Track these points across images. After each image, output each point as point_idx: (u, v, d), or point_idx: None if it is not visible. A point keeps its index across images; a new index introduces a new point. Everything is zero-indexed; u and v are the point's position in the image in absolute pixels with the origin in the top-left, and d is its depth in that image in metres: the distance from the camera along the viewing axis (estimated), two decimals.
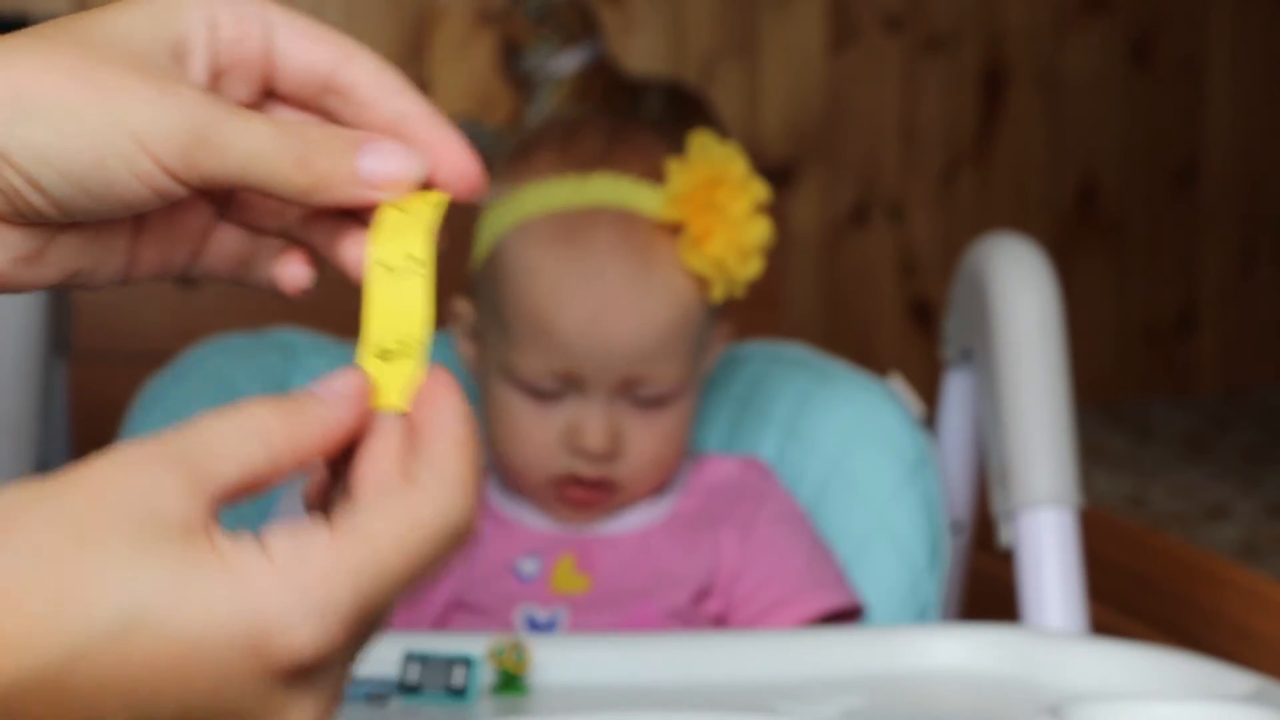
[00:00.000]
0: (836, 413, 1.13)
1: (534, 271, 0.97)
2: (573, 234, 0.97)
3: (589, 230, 0.97)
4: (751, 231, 0.96)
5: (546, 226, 0.97)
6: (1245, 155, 2.84)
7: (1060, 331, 1.05)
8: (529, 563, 1.00)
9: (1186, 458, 2.13)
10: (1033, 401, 1.02)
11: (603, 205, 0.97)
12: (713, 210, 0.95)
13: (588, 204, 0.97)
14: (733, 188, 0.95)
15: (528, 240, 0.98)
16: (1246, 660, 1.44)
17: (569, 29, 2.23)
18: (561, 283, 0.96)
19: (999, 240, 1.10)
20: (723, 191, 0.95)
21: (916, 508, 1.10)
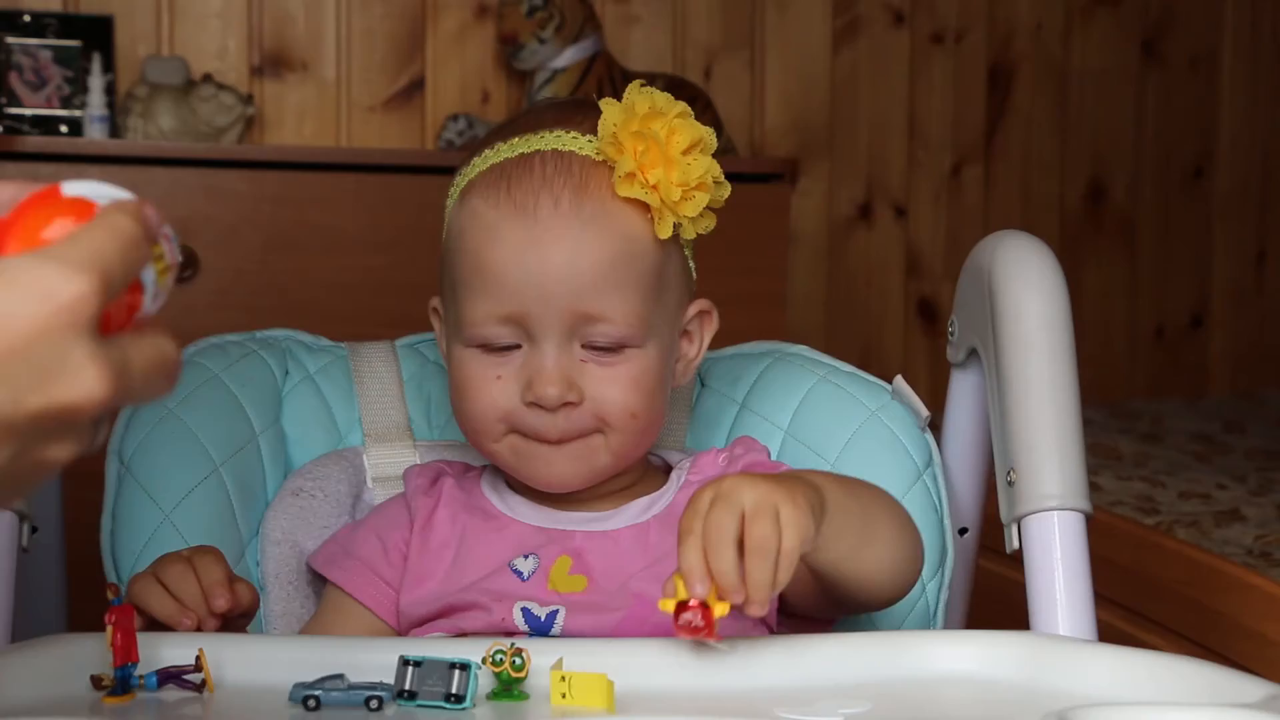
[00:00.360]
0: (841, 414, 1.12)
1: (473, 216, 0.98)
2: (507, 176, 0.97)
3: (523, 170, 0.97)
4: (692, 168, 0.95)
5: (485, 176, 0.99)
6: (1258, 152, 2.82)
7: (1068, 331, 1.04)
8: (525, 561, 0.99)
9: (1197, 460, 2.11)
10: (1040, 403, 1.01)
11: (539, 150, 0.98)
12: (647, 141, 0.95)
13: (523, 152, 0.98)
14: (669, 122, 0.95)
15: (470, 195, 0.99)
16: (1259, 666, 1.42)
17: (568, 24, 2.22)
18: (497, 219, 0.96)
19: (1006, 238, 1.09)
20: (658, 124, 0.95)
21: (922, 510, 1.08)
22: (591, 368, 0.97)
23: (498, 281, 0.96)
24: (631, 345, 0.97)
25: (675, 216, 0.96)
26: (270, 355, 1.14)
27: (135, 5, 2.23)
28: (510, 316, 0.96)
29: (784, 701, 0.81)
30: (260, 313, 1.93)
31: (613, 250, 0.96)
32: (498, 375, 0.98)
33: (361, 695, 0.79)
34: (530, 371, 0.96)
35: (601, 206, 0.96)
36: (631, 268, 0.97)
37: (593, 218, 0.96)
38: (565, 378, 0.96)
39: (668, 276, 0.99)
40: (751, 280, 2.04)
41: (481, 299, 0.97)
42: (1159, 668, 0.84)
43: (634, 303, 0.97)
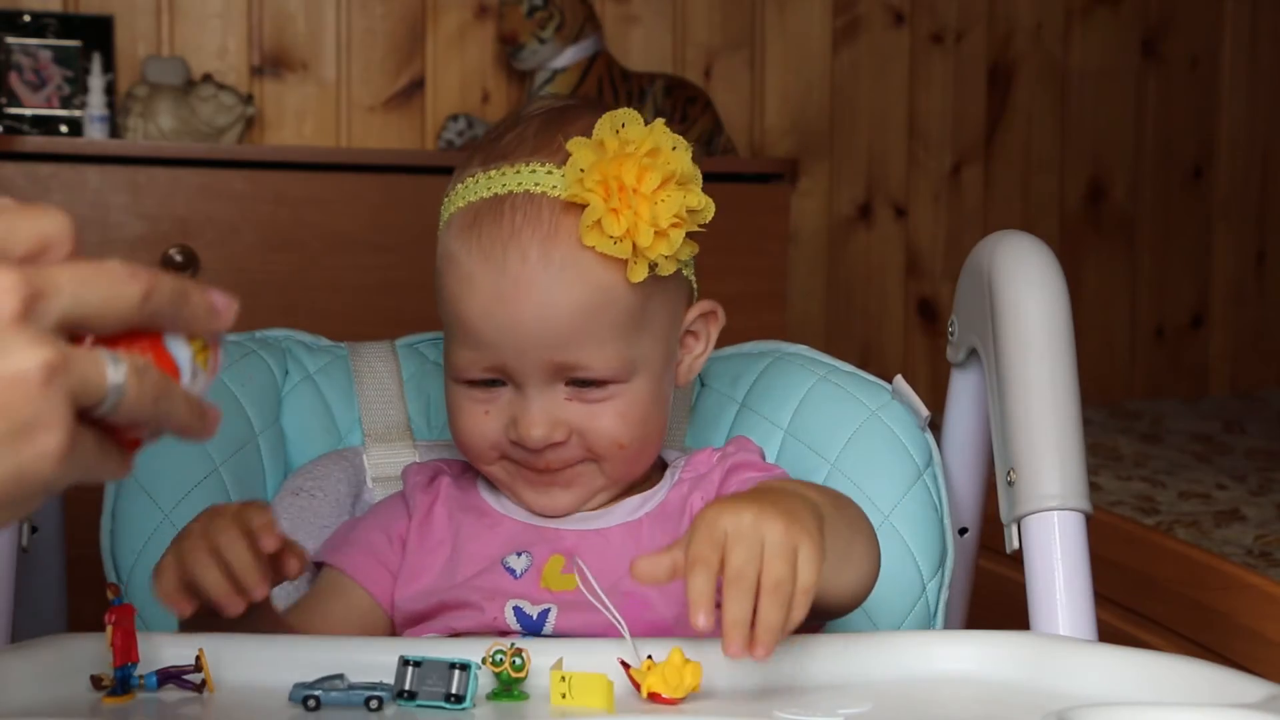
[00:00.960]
0: (841, 414, 1.12)
1: (450, 261, 0.97)
2: (479, 221, 0.96)
3: (494, 216, 0.96)
4: (664, 207, 0.93)
5: (460, 218, 0.97)
6: (1258, 152, 2.82)
7: (1068, 331, 1.04)
8: (518, 559, 0.99)
9: (1197, 460, 2.11)
10: (1040, 403, 1.01)
11: (510, 191, 0.96)
12: (615, 187, 0.92)
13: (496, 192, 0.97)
14: (638, 164, 0.93)
15: (448, 235, 0.98)
16: (1258, 666, 1.42)
17: (568, 24, 2.22)
18: (469, 270, 0.95)
19: (1006, 238, 1.08)
20: (627, 168, 0.92)
21: (922, 510, 1.08)
22: (576, 405, 0.97)
23: (475, 333, 0.96)
24: (616, 381, 0.97)
25: (649, 259, 0.94)
26: (270, 355, 1.14)
27: (135, 5, 2.23)
28: (491, 367, 0.97)
29: (784, 701, 0.81)
30: (260, 313, 1.93)
31: (584, 300, 0.94)
32: (485, 410, 0.98)
33: (361, 695, 0.79)
34: (515, 411, 0.97)
35: (571, 256, 0.94)
36: (605, 314, 0.95)
37: (562, 268, 0.94)
38: (550, 419, 0.96)
39: (651, 311, 0.98)
40: (751, 280, 2.04)
41: (463, 347, 0.97)
42: (1159, 668, 0.84)
43: (611, 348, 0.96)
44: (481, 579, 0.98)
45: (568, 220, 0.94)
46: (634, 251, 0.93)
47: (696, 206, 0.94)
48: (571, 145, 0.94)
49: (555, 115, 1.00)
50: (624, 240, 0.93)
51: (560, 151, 0.95)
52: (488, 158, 0.99)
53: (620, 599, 0.97)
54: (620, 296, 0.95)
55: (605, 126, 0.94)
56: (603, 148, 0.93)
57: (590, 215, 0.92)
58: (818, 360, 1.16)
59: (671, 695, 0.80)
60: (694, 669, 0.80)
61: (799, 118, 2.53)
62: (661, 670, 0.80)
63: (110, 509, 1.05)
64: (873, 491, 1.09)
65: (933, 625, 1.07)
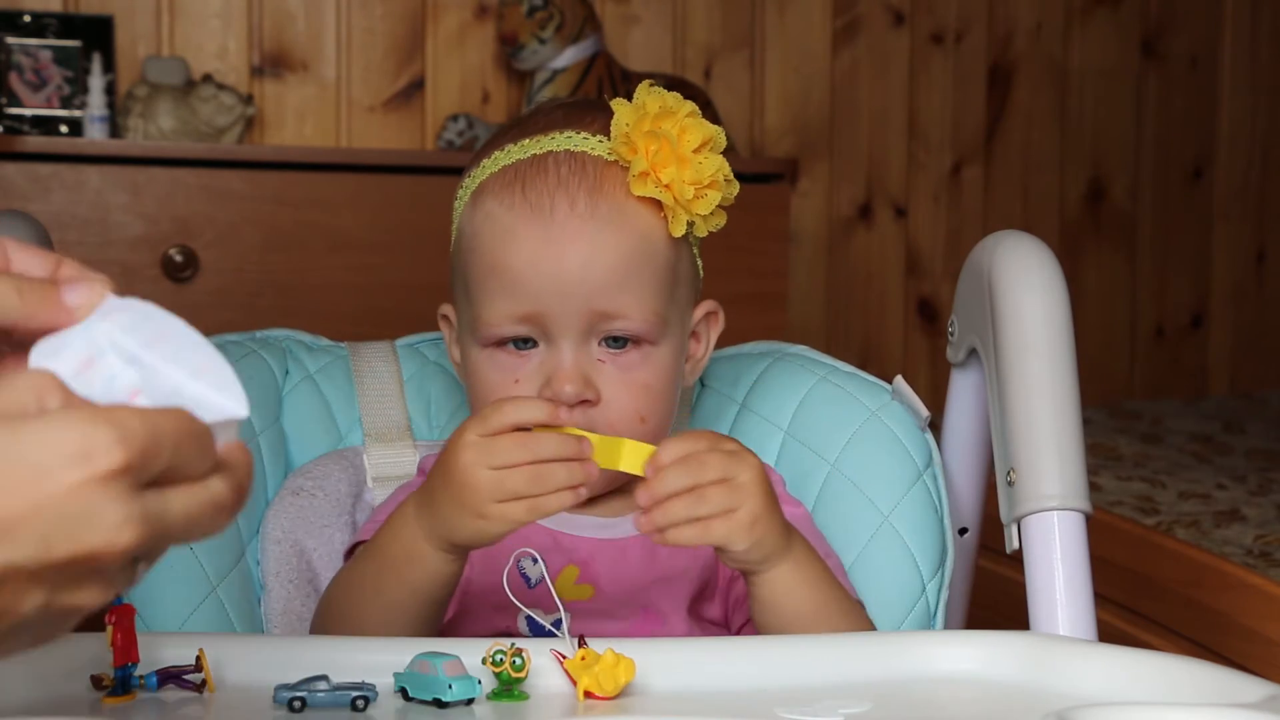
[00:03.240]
0: (841, 414, 1.12)
1: (488, 219, 0.99)
2: (522, 177, 0.98)
3: (538, 171, 0.98)
4: (704, 166, 0.97)
5: (499, 178, 0.99)
6: (1257, 153, 2.82)
7: (1068, 331, 1.04)
8: (534, 565, 0.99)
9: (1197, 460, 2.11)
10: (1040, 403, 1.01)
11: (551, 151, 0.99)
12: (659, 140, 0.96)
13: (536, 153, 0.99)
14: (680, 121, 0.97)
15: (483, 197, 1.00)
16: (1258, 666, 1.42)
17: (568, 24, 2.22)
18: (512, 221, 0.97)
19: (1005, 238, 1.08)
20: (669, 123, 0.97)
21: (922, 510, 1.08)
22: (608, 368, 0.97)
23: (515, 282, 0.96)
24: (647, 342, 0.98)
25: (689, 214, 0.97)
26: (270, 355, 1.14)
27: (135, 5, 2.23)
28: (528, 316, 0.97)
29: (784, 701, 0.81)
30: (260, 313, 1.93)
31: (629, 248, 0.97)
32: (515, 379, 0.98)
33: (348, 696, 0.79)
34: (549, 370, 0.97)
35: (616, 206, 0.97)
36: (647, 265, 0.98)
37: (608, 217, 0.97)
38: (583, 376, 0.97)
39: (680, 273, 1.01)
40: (752, 280, 2.04)
41: (499, 299, 0.97)
42: (1159, 668, 0.84)
43: (650, 299, 0.98)
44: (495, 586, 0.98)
45: (611, 174, 0.98)
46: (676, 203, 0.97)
47: (729, 175, 0.98)
48: (615, 104, 0.98)
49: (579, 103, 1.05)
50: (668, 191, 0.97)
51: (594, 123, 0.99)
52: (520, 134, 1.01)
53: (636, 612, 0.98)
54: (660, 250, 0.98)
55: (644, 90, 0.98)
56: (644, 108, 0.97)
57: (637, 165, 0.96)
58: (818, 361, 1.16)
59: (605, 694, 0.81)
60: (627, 666, 0.81)
61: (799, 118, 2.53)
62: (595, 671, 0.81)
63: None
64: (873, 492, 1.09)
65: (933, 625, 1.07)
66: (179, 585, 1.01)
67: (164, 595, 1.00)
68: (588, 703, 0.81)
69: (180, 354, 0.59)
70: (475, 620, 0.98)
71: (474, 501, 0.87)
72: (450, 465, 0.89)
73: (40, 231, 1.07)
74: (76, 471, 0.53)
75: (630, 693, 0.82)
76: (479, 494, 0.87)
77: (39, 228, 1.07)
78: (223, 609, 1.02)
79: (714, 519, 0.89)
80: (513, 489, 0.87)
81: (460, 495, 0.88)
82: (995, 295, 1.05)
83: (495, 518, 0.88)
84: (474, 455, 0.88)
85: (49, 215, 1.88)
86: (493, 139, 1.04)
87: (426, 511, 0.91)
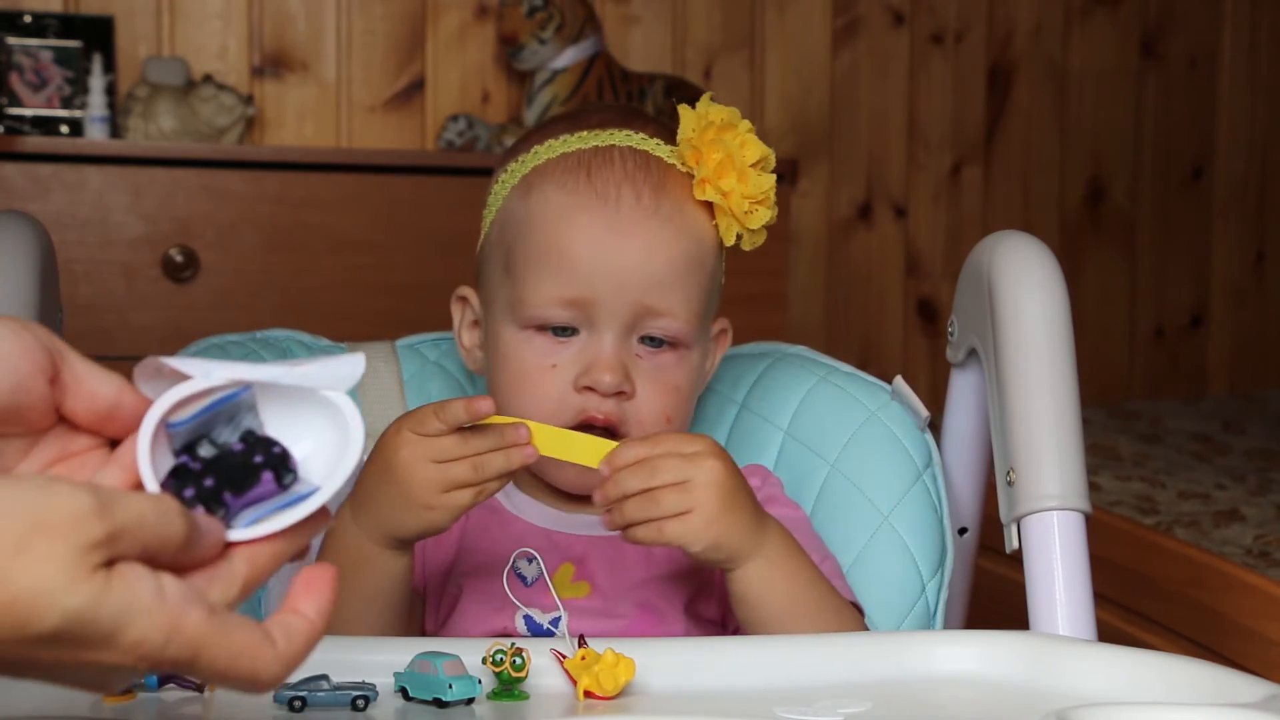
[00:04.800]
0: (840, 415, 1.12)
1: (546, 202, 1.00)
2: (587, 165, 1.00)
3: (604, 161, 1.00)
4: (760, 182, 0.99)
5: (559, 164, 1.01)
6: (1257, 153, 2.82)
7: (1068, 331, 1.04)
8: (529, 565, 0.99)
9: (1197, 459, 2.11)
10: (1040, 403, 1.01)
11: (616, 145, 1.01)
12: (722, 151, 0.98)
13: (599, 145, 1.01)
14: (741, 135, 0.99)
15: (540, 180, 1.01)
16: (1257, 665, 1.42)
17: (568, 24, 2.22)
18: (575, 206, 0.99)
19: (1005, 238, 1.08)
20: (731, 136, 0.99)
21: (921, 510, 1.08)
22: (643, 365, 0.99)
23: (571, 264, 0.97)
24: (683, 345, 1.00)
25: (740, 227, 1.00)
26: (270, 355, 1.14)
27: (135, 5, 2.23)
28: (576, 300, 0.97)
29: (784, 701, 0.81)
30: (260, 313, 1.93)
31: (685, 249, 0.99)
32: (553, 364, 0.98)
33: (348, 696, 0.79)
34: (589, 357, 0.98)
35: (678, 207, 0.99)
36: (699, 269, 1.00)
37: (669, 216, 0.99)
38: (622, 366, 0.98)
39: (717, 283, 1.04)
40: (751, 280, 2.04)
41: (548, 280, 0.98)
42: (1159, 668, 0.84)
43: (695, 302, 1.00)
44: (493, 583, 0.99)
45: (675, 177, 1.00)
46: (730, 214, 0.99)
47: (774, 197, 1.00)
48: (681, 110, 1.00)
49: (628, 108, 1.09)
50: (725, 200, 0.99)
51: (648, 127, 1.01)
52: (574, 127, 1.02)
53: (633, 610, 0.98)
54: (710, 256, 1.01)
55: (707, 103, 1.00)
56: (709, 117, 0.99)
57: (702, 170, 0.98)
58: (817, 361, 1.16)
59: (604, 694, 0.81)
60: (627, 666, 0.82)
61: (799, 118, 2.53)
62: (594, 671, 0.81)
63: None
64: (873, 492, 1.09)
65: (933, 625, 1.07)
66: None
67: None
68: (588, 702, 0.81)
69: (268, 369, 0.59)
70: (472, 622, 0.98)
71: (420, 494, 0.89)
72: (391, 463, 0.90)
73: (40, 231, 1.07)
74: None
75: (630, 692, 0.82)
76: (425, 487, 0.89)
77: (39, 228, 1.07)
78: None
79: (667, 521, 0.91)
80: (455, 479, 0.89)
81: (406, 491, 0.90)
82: (995, 295, 1.05)
83: (442, 507, 0.90)
84: (415, 451, 0.90)
85: (49, 215, 1.88)
86: (542, 128, 1.05)
87: (366, 513, 0.92)
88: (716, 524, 0.91)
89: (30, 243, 1.04)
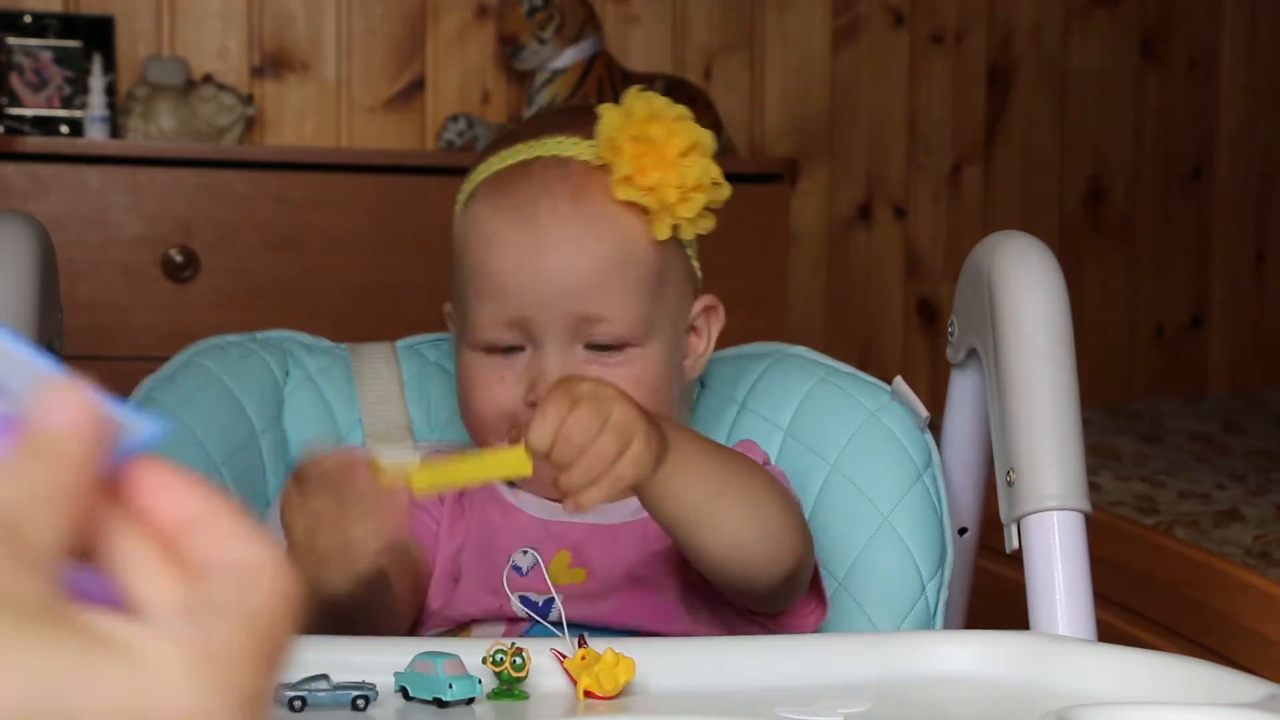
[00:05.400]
0: (840, 415, 1.12)
1: (475, 225, 1.00)
2: (509, 183, 1.00)
3: (523, 176, 0.99)
4: (690, 170, 0.97)
5: (486, 185, 1.01)
6: (1257, 153, 2.82)
7: (1068, 331, 1.04)
8: (524, 556, 1.00)
9: (1197, 460, 2.11)
10: (1040, 403, 1.01)
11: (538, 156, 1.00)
12: (645, 145, 0.96)
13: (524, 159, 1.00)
14: (667, 125, 0.97)
15: (472, 202, 1.01)
16: (1258, 666, 1.42)
17: (568, 24, 2.22)
18: (497, 227, 0.98)
19: (1005, 238, 1.09)
20: (656, 128, 0.97)
21: (921, 511, 1.08)
22: (594, 369, 0.97)
23: (500, 286, 0.97)
24: (633, 344, 0.99)
25: (673, 218, 0.98)
26: (271, 356, 1.14)
27: (135, 5, 2.23)
28: (513, 320, 0.97)
29: (784, 701, 0.81)
30: (260, 313, 1.93)
31: (611, 252, 0.97)
32: (501, 377, 0.99)
33: (348, 696, 0.79)
34: (533, 373, 0.97)
35: (600, 209, 0.97)
36: (630, 268, 0.98)
37: (591, 221, 0.97)
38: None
39: (668, 276, 1.01)
40: (751, 280, 2.04)
41: (485, 303, 0.98)
42: (1159, 668, 0.84)
43: (634, 303, 0.98)
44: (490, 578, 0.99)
45: (596, 179, 0.98)
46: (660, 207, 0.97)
47: (718, 179, 0.98)
48: (601, 109, 0.98)
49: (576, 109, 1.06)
50: (651, 195, 0.97)
51: (584, 128, 0.99)
52: (512, 140, 1.02)
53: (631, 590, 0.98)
54: (644, 253, 0.99)
55: (633, 95, 0.98)
56: (632, 113, 0.97)
57: (620, 169, 0.96)
58: (817, 361, 1.16)
59: (605, 694, 0.81)
60: (627, 665, 0.81)
61: (799, 118, 2.53)
62: (594, 671, 0.81)
63: None
64: (872, 492, 1.09)
65: (933, 625, 1.07)
66: None
67: None
68: (588, 702, 0.81)
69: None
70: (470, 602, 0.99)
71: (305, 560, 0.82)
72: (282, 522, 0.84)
73: (40, 231, 1.07)
74: None
75: (630, 692, 0.82)
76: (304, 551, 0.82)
77: (39, 228, 1.07)
78: None
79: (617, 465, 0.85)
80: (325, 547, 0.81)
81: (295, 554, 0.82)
82: (995, 295, 1.05)
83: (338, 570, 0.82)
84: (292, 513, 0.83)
85: (49, 215, 1.88)
86: (490, 145, 1.05)
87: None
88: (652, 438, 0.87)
89: (30, 243, 1.04)
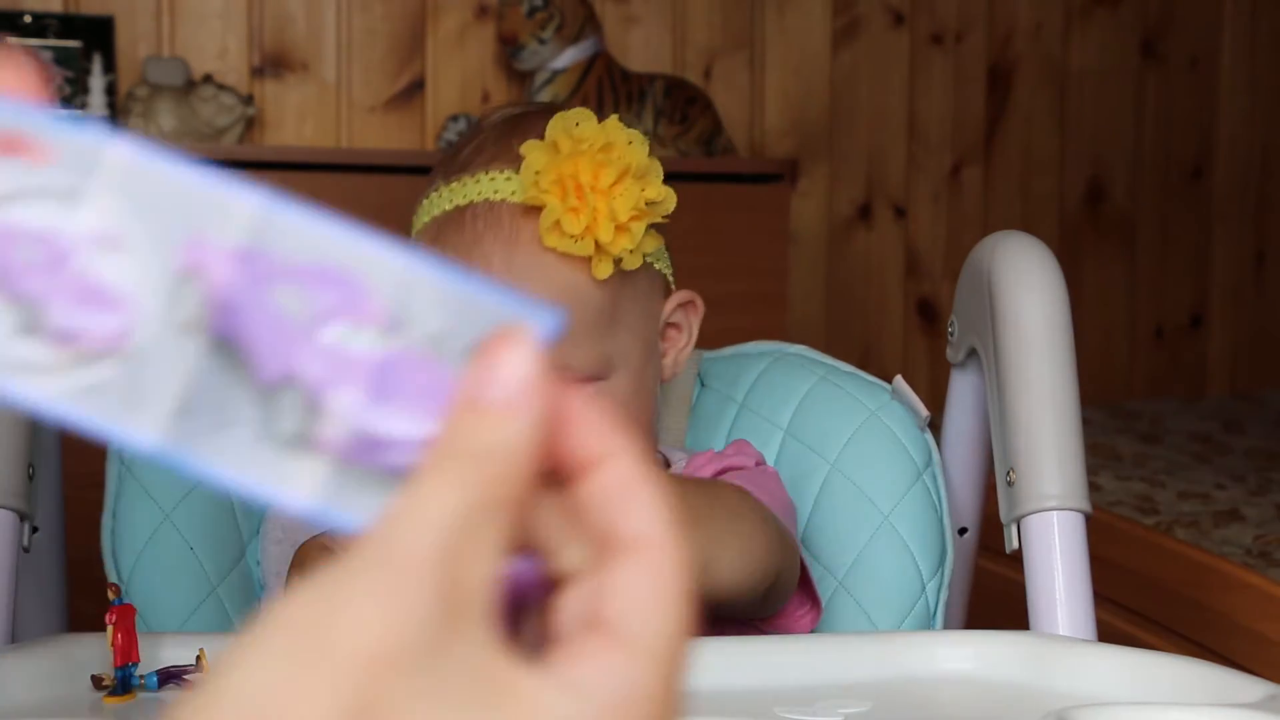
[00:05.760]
0: (840, 414, 1.12)
1: None
2: (442, 235, 0.97)
3: (456, 227, 0.96)
4: (621, 202, 0.91)
5: (424, 233, 0.99)
6: (1256, 153, 2.82)
7: (1068, 331, 1.04)
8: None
9: (1197, 460, 2.11)
10: (1040, 403, 1.01)
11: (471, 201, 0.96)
12: (571, 184, 0.91)
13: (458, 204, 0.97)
14: (592, 159, 0.92)
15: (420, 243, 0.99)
16: (1258, 666, 1.42)
17: (568, 25, 2.22)
18: None
19: (1005, 238, 1.09)
20: (581, 164, 0.91)
21: (921, 510, 1.08)
22: None
23: None
24: (596, 378, 0.96)
25: (613, 255, 0.93)
26: None
27: (135, 5, 2.23)
28: None
29: (784, 701, 0.81)
30: None
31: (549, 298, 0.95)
32: None
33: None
34: None
35: (533, 259, 0.93)
36: (575, 315, 0.94)
37: (525, 272, 0.93)
38: None
39: (621, 306, 0.97)
40: (751, 280, 2.04)
41: None
42: (1159, 668, 0.84)
43: (584, 347, 0.95)
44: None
45: (528, 224, 0.93)
46: (596, 248, 0.92)
47: (656, 198, 0.93)
48: (524, 149, 0.93)
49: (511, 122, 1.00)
50: (585, 238, 0.92)
51: (517, 158, 0.94)
52: (449, 171, 0.99)
53: None
54: (588, 295, 0.94)
55: (557, 127, 0.93)
56: (556, 148, 0.92)
57: (548, 216, 0.92)
58: (817, 361, 1.16)
59: None
60: None
61: (799, 118, 2.53)
62: None
63: (111, 509, 1.05)
64: (872, 492, 1.09)
65: (933, 625, 1.07)
66: (179, 585, 1.01)
67: (164, 595, 1.00)
68: None
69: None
70: None
71: None
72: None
73: None
74: None
75: None
76: None
77: None
78: (223, 609, 1.02)
79: None
80: None
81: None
82: (995, 295, 1.05)
83: None
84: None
85: None
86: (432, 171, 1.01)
87: None
88: None
89: None
